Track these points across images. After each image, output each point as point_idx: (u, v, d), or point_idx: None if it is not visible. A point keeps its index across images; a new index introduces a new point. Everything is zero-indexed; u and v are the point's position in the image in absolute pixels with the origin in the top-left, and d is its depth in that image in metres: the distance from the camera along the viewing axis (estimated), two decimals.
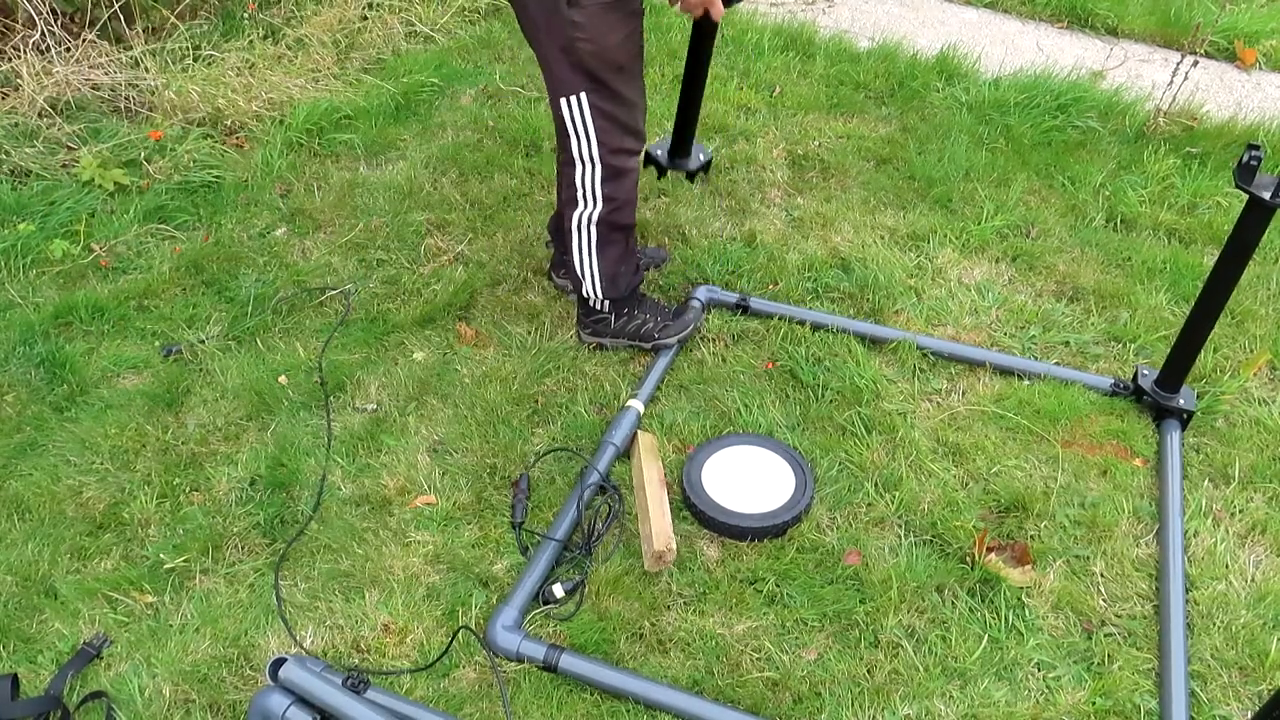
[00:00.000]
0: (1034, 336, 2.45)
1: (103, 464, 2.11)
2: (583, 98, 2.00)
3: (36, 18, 3.25)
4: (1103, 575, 1.88)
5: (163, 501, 2.04)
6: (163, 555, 1.92)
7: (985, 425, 2.19)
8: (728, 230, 2.81)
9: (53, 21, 3.28)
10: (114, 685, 1.71)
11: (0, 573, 1.90)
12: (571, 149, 2.09)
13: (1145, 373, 2.23)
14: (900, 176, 3.04)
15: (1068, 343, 2.44)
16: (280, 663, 1.56)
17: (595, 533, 1.94)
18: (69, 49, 3.28)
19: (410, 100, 3.41)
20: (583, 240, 2.24)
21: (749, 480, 2.01)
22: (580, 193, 2.16)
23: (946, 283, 2.62)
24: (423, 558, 1.91)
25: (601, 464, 2.04)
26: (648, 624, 1.79)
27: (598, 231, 2.21)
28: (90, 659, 1.74)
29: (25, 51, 3.22)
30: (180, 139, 3.09)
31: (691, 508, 1.97)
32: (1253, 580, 1.89)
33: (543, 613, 1.81)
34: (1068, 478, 2.06)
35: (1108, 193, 2.97)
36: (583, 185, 2.15)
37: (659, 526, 1.88)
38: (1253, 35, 3.86)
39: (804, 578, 1.87)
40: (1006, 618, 1.80)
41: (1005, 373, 2.32)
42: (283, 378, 2.31)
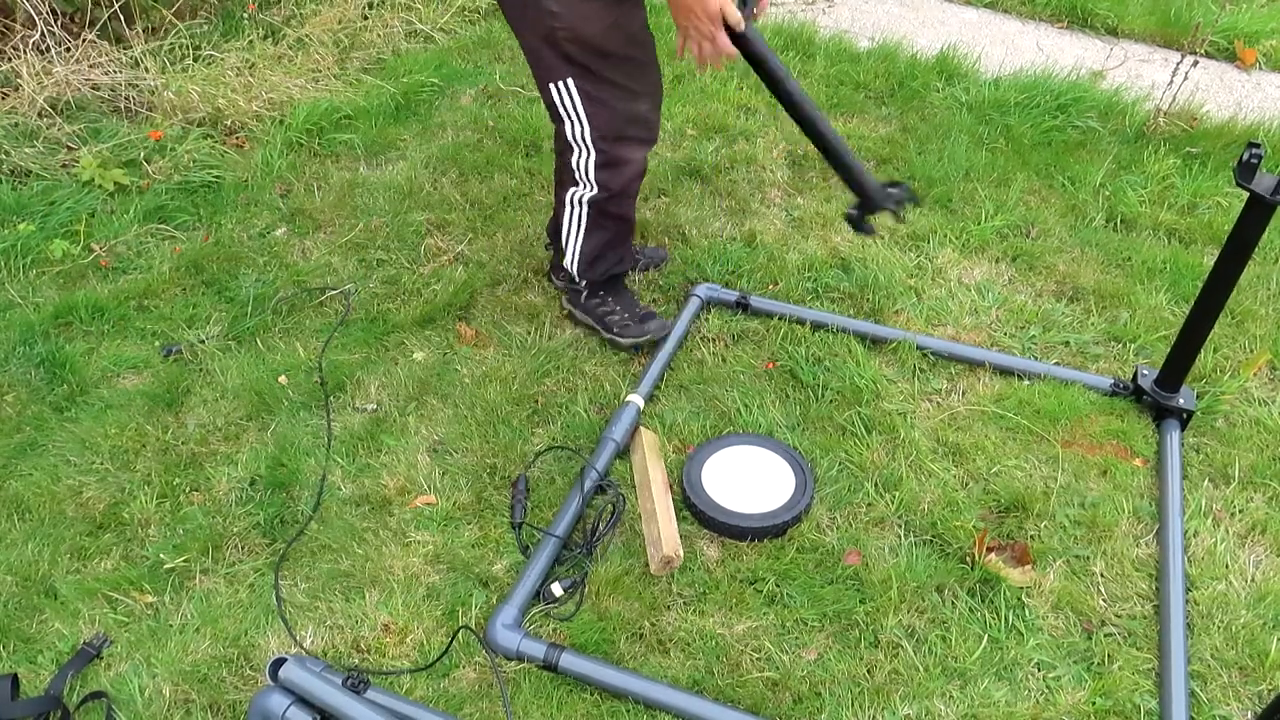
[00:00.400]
0: (1034, 336, 2.45)
1: (103, 464, 2.11)
2: (570, 83, 1.98)
3: (36, 18, 3.25)
4: (1103, 575, 1.88)
5: (163, 501, 2.04)
6: (163, 555, 1.92)
7: (985, 425, 2.19)
8: (728, 230, 2.81)
9: (53, 21, 3.28)
10: (114, 685, 1.71)
11: (0, 573, 1.90)
12: (565, 133, 2.08)
13: (1145, 373, 2.23)
14: (900, 176, 3.04)
15: (1068, 343, 2.44)
16: (280, 663, 1.56)
17: (596, 532, 1.94)
18: (69, 49, 3.28)
19: (410, 100, 3.41)
20: (572, 216, 2.23)
21: (749, 480, 2.01)
22: (575, 174, 2.15)
23: (946, 283, 2.62)
24: (423, 558, 1.91)
25: (601, 461, 2.04)
26: (648, 624, 1.79)
27: (588, 213, 2.20)
28: (90, 659, 1.74)
29: (25, 51, 3.22)
30: (180, 139, 3.09)
31: (691, 508, 1.97)
32: (1253, 580, 1.88)
33: (542, 612, 1.81)
34: (1068, 478, 2.06)
35: (1108, 193, 2.97)
36: (578, 168, 2.13)
37: (667, 531, 1.88)
38: (1253, 35, 3.86)
39: (804, 578, 1.87)
40: (1006, 618, 1.80)
41: (1005, 373, 2.32)
42: (283, 378, 2.31)
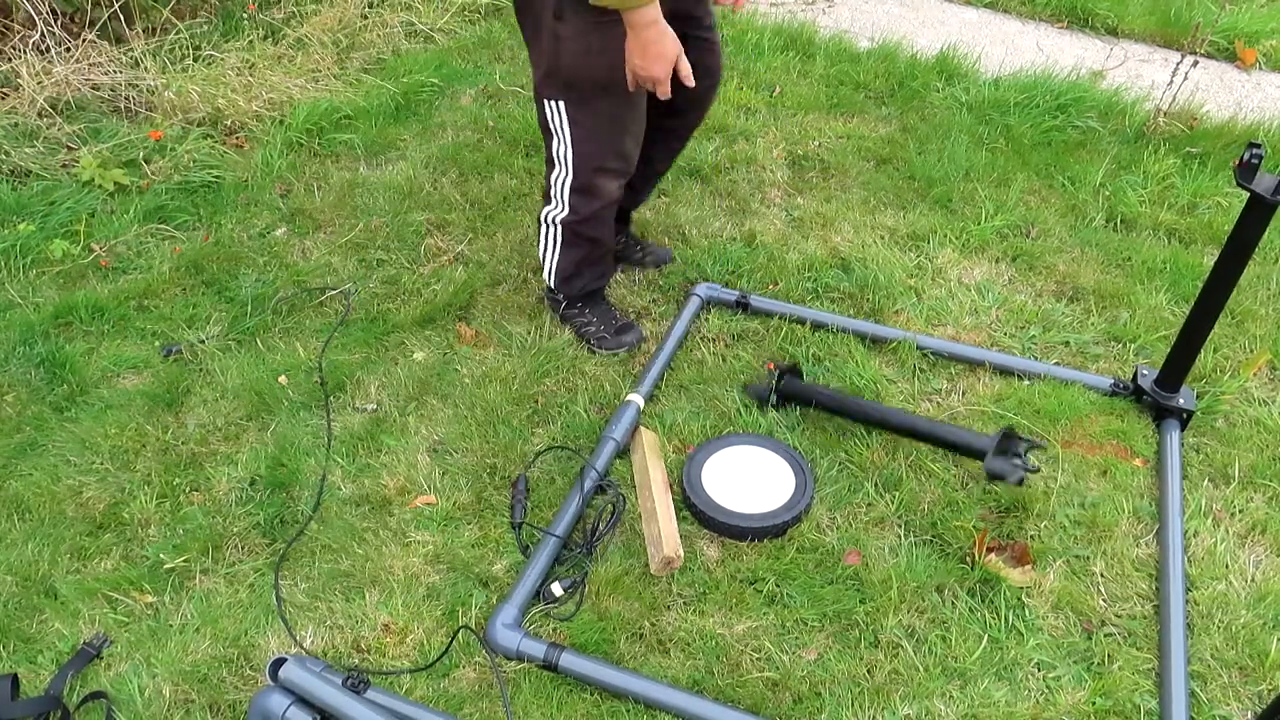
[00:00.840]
0: (1034, 336, 2.45)
1: (103, 464, 2.11)
2: (561, 105, 2.01)
3: (36, 18, 3.25)
4: (1103, 575, 1.88)
5: (163, 501, 2.04)
6: (163, 555, 1.92)
7: (985, 425, 2.19)
8: (728, 230, 2.81)
9: (52, 21, 3.29)
10: (114, 685, 1.71)
11: (0, 573, 1.90)
12: (551, 147, 2.11)
13: (1145, 373, 2.23)
14: (900, 176, 3.04)
15: (1068, 343, 2.44)
16: (280, 663, 1.56)
17: (596, 532, 1.94)
18: (69, 49, 3.28)
19: (410, 100, 3.41)
20: (547, 235, 2.27)
21: (749, 480, 2.01)
22: (553, 191, 2.18)
23: (946, 283, 2.62)
24: (423, 558, 1.91)
25: (601, 461, 2.04)
26: (648, 624, 1.79)
27: (561, 233, 2.24)
28: (90, 659, 1.74)
29: (25, 51, 3.22)
30: (180, 139, 3.09)
31: (691, 508, 1.97)
32: (1253, 580, 1.88)
33: (542, 612, 1.81)
34: (1068, 478, 2.06)
35: (1108, 193, 2.97)
36: (555, 185, 2.17)
37: (668, 531, 1.88)
38: (1253, 35, 3.86)
39: (804, 578, 1.87)
40: (1006, 618, 1.80)
41: (1005, 373, 2.32)
42: (283, 378, 2.31)
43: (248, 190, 2.97)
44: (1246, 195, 1.87)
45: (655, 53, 1.81)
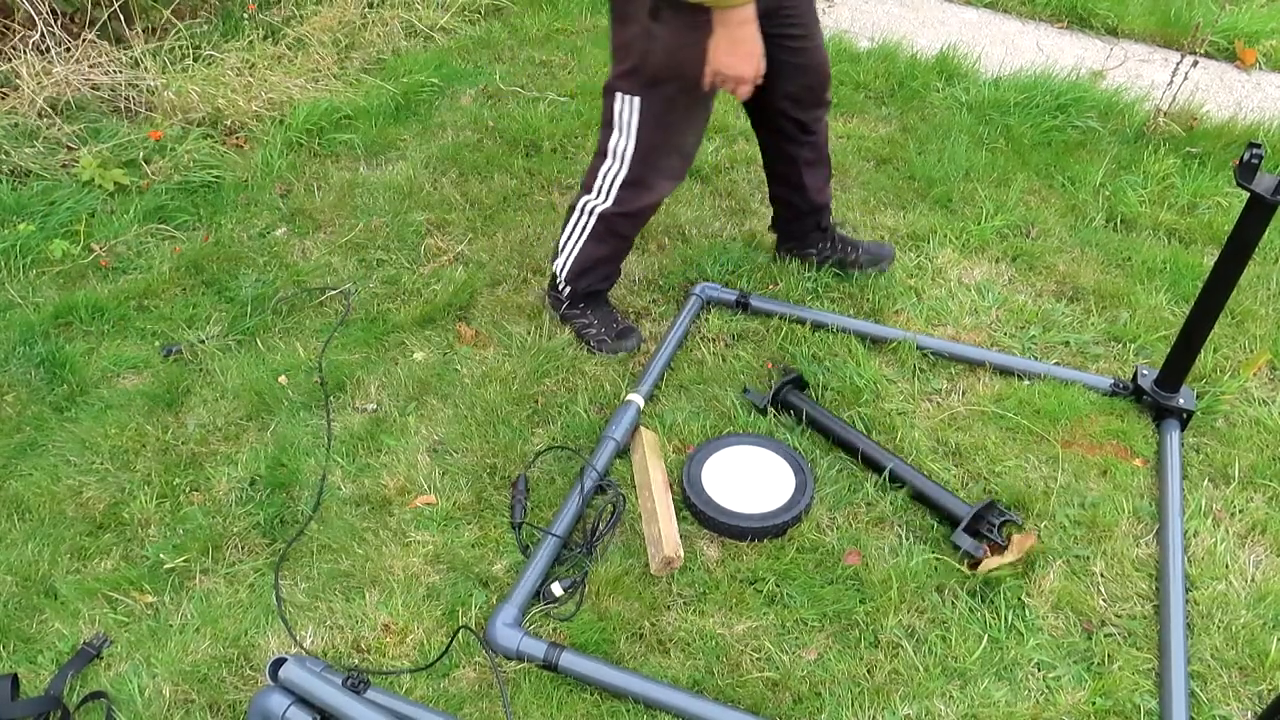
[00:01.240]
0: (1034, 336, 2.45)
1: (103, 464, 2.11)
2: (636, 101, 2.00)
3: (36, 18, 3.25)
4: (1103, 575, 1.88)
5: (163, 501, 2.04)
6: (163, 555, 1.92)
7: (985, 425, 2.19)
8: (728, 230, 2.81)
9: (52, 21, 3.29)
10: (114, 685, 1.71)
11: (0, 573, 1.90)
12: (609, 141, 2.09)
13: (1145, 373, 2.23)
14: (900, 176, 3.04)
15: (1068, 343, 2.43)
16: (280, 663, 1.56)
17: (596, 532, 1.94)
18: (69, 49, 3.28)
19: (410, 100, 3.41)
20: (577, 223, 2.26)
21: (749, 480, 2.01)
22: (598, 183, 2.17)
23: (946, 283, 2.62)
24: (423, 558, 1.91)
25: (601, 460, 2.04)
26: (648, 624, 1.79)
27: (595, 224, 2.22)
28: (90, 659, 1.74)
29: (25, 51, 3.22)
30: (180, 139, 3.09)
31: (691, 508, 1.97)
32: (1253, 580, 1.88)
33: (542, 612, 1.81)
34: (1068, 478, 2.06)
35: (1108, 193, 2.97)
36: (604, 177, 2.15)
37: (668, 531, 1.88)
38: (1253, 35, 3.86)
39: (804, 578, 1.87)
40: (1006, 618, 1.80)
41: (1005, 373, 2.32)
42: (283, 378, 2.31)
43: (248, 190, 2.97)
44: (1246, 195, 1.87)
45: (745, 51, 1.81)
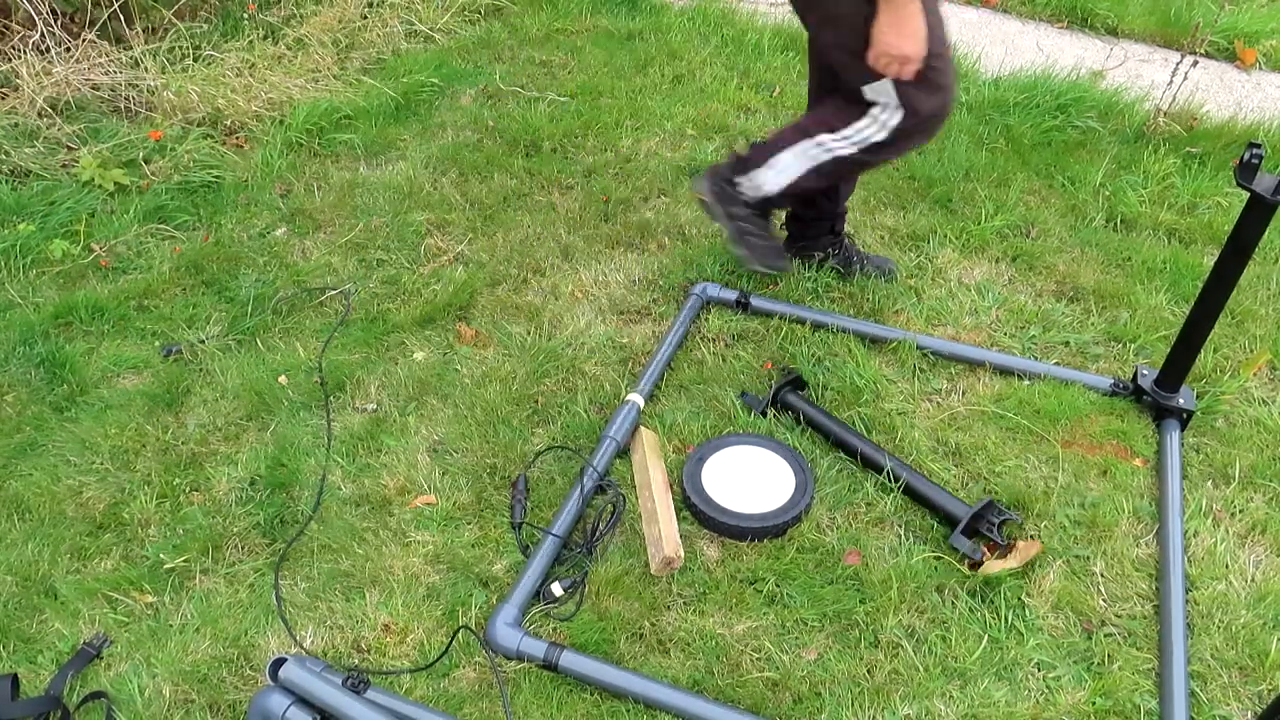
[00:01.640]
0: (1034, 336, 2.45)
1: (103, 464, 2.11)
2: (888, 84, 1.96)
3: (36, 18, 3.25)
4: (1103, 575, 1.88)
5: (163, 501, 2.04)
6: (163, 555, 1.92)
7: (985, 425, 2.19)
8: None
9: (52, 21, 3.29)
10: (114, 685, 1.71)
11: (0, 573, 1.90)
12: (871, 107, 2.03)
13: (1145, 372, 2.23)
14: (900, 176, 3.04)
15: (1068, 343, 2.43)
16: (280, 663, 1.56)
17: (596, 532, 1.94)
18: (69, 49, 3.28)
19: (410, 100, 3.41)
20: (805, 152, 2.17)
21: (749, 480, 2.01)
22: (848, 132, 2.08)
23: (946, 283, 2.62)
24: (423, 558, 1.91)
25: (601, 460, 2.04)
26: (648, 624, 1.79)
27: (827, 162, 2.15)
28: (90, 659, 1.74)
29: (25, 51, 3.22)
30: (180, 139, 3.09)
31: (691, 508, 1.97)
32: (1253, 580, 1.88)
33: (542, 612, 1.81)
34: (1068, 478, 2.06)
35: (1108, 193, 2.97)
36: (858, 131, 2.07)
37: (668, 531, 1.88)
38: (1253, 35, 3.86)
39: (804, 578, 1.87)
40: (1006, 618, 1.80)
41: (1005, 373, 2.32)
42: (283, 378, 2.31)
43: (248, 190, 2.97)
44: (1246, 195, 1.87)
45: (910, 29, 1.79)
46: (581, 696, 1.68)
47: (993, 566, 1.85)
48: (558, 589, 1.82)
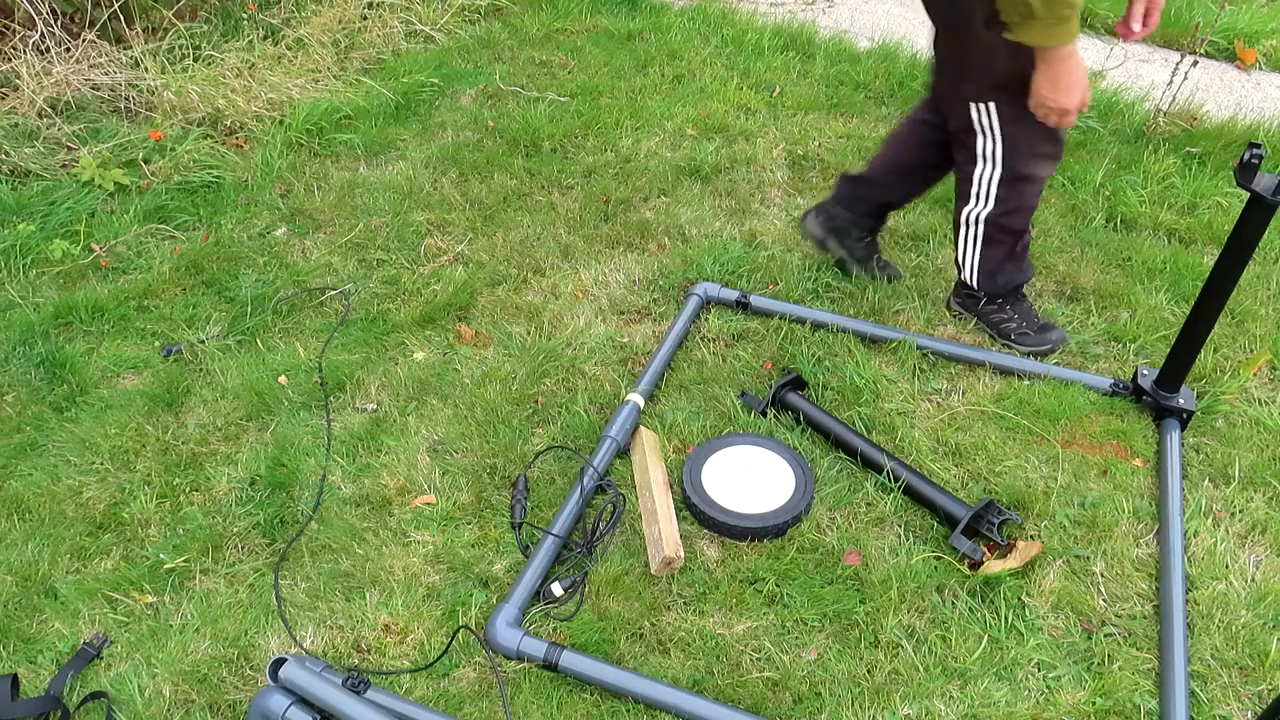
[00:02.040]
0: None
1: (103, 464, 2.11)
2: (992, 106, 2.04)
3: (36, 18, 3.25)
4: (1103, 575, 1.88)
5: (163, 501, 2.04)
6: (163, 555, 1.92)
7: (985, 425, 2.19)
8: (728, 230, 2.81)
9: (52, 21, 3.29)
10: (114, 685, 1.71)
11: (0, 573, 1.90)
12: (976, 146, 2.13)
13: (1145, 373, 2.23)
14: None
15: (1067, 339, 2.43)
16: (280, 663, 1.56)
17: (596, 532, 1.94)
18: (69, 49, 3.29)
19: (410, 100, 3.42)
20: (968, 235, 2.29)
21: (749, 480, 2.01)
22: (974, 189, 2.20)
23: (947, 283, 2.62)
24: (423, 558, 1.91)
25: (601, 460, 2.04)
26: (648, 624, 1.79)
27: (984, 230, 2.25)
28: (90, 659, 1.74)
29: (25, 51, 3.22)
30: (180, 139, 3.09)
31: (691, 508, 1.97)
32: (1253, 580, 1.88)
33: (542, 612, 1.81)
34: (1068, 478, 2.06)
35: (1108, 193, 2.97)
36: (978, 182, 2.18)
37: (668, 531, 1.88)
38: (1253, 35, 3.87)
39: (804, 578, 1.87)
40: (1006, 618, 1.80)
41: (1005, 373, 2.32)
42: (283, 378, 2.31)
43: (248, 190, 2.97)
44: (1246, 195, 1.87)
45: (1068, 84, 1.84)
46: (581, 697, 1.68)
47: (993, 566, 1.85)
48: (558, 589, 1.82)
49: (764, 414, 2.19)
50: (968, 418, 2.21)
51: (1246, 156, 1.83)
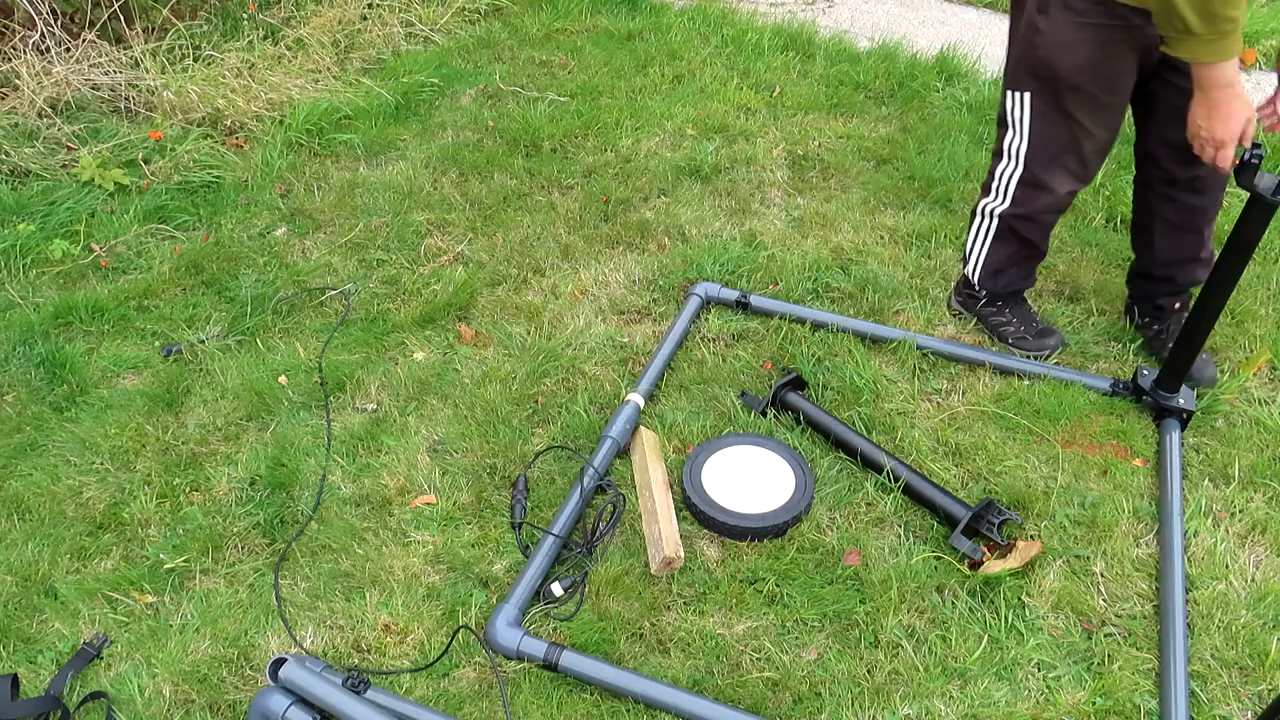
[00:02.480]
0: None
1: (103, 464, 2.11)
2: (1026, 97, 2.04)
3: (36, 18, 3.25)
4: (1103, 575, 1.88)
5: (163, 501, 2.04)
6: (163, 555, 1.92)
7: (985, 425, 2.19)
8: (728, 230, 2.81)
9: (52, 21, 3.29)
10: (114, 685, 1.71)
11: (0, 573, 1.90)
12: (1004, 140, 2.14)
13: (1145, 372, 2.23)
14: (900, 176, 3.04)
15: (1068, 343, 2.43)
16: (280, 663, 1.56)
17: (596, 532, 1.94)
18: (69, 49, 3.29)
19: (410, 100, 3.42)
20: (980, 226, 2.31)
21: (749, 480, 2.01)
22: (995, 183, 2.21)
23: (947, 282, 2.62)
24: (423, 558, 1.91)
25: (601, 460, 2.04)
26: (648, 624, 1.79)
27: (996, 225, 2.26)
28: (90, 659, 1.74)
29: (25, 51, 3.22)
30: (180, 139, 3.09)
31: (691, 508, 1.97)
32: (1253, 580, 1.88)
33: (542, 612, 1.81)
34: (1068, 478, 2.06)
35: (1108, 193, 2.97)
36: (999, 178, 2.19)
37: (668, 531, 1.88)
38: (1253, 35, 3.86)
39: (804, 578, 1.87)
40: (1006, 618, 1.80)
41: (1005, 373, 2.32)
42: (283, 378, 2.31)
43: (248, 190, 2.97)
44: (1247, 195, 1.87)
45: (1225, 113, 1.77)
46: (581, 697, 1.68)
47: (993, 566, 1.85)
48: (558, 589, 1.82)
49: (764, 414, 2.19)
50: (968, 418, 2.21)
51: (1246, 156, 1.83)
